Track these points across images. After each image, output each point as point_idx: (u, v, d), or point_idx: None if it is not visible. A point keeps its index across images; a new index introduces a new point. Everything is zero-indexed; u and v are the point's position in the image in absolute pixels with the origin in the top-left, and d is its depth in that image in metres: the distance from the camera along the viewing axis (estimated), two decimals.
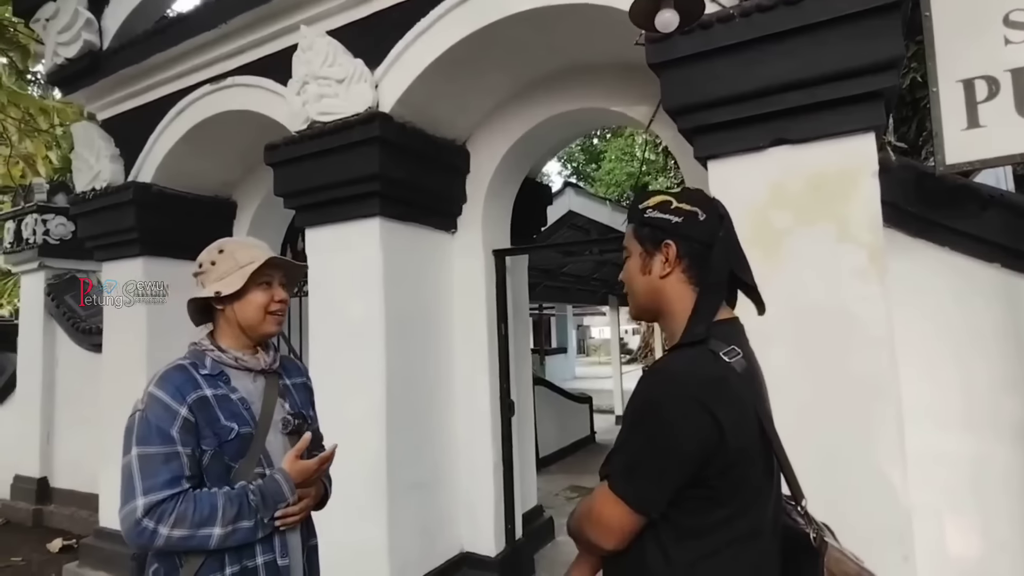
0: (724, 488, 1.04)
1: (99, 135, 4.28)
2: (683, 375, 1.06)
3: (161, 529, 1.28)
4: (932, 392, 2.32)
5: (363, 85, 3.07)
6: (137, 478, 1.30)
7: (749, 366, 1.10)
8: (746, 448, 1.04)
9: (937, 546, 2.28)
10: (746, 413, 1.06)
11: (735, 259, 1.15)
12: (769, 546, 1.11)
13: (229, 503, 1.33)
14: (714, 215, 1.15)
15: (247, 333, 1.51)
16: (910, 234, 2.38)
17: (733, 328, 1.16)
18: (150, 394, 1.38)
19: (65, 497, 5.58)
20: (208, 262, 1.51)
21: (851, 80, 1.97)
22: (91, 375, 5.11)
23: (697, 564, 1.05)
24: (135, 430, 1.35)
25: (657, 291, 1.17)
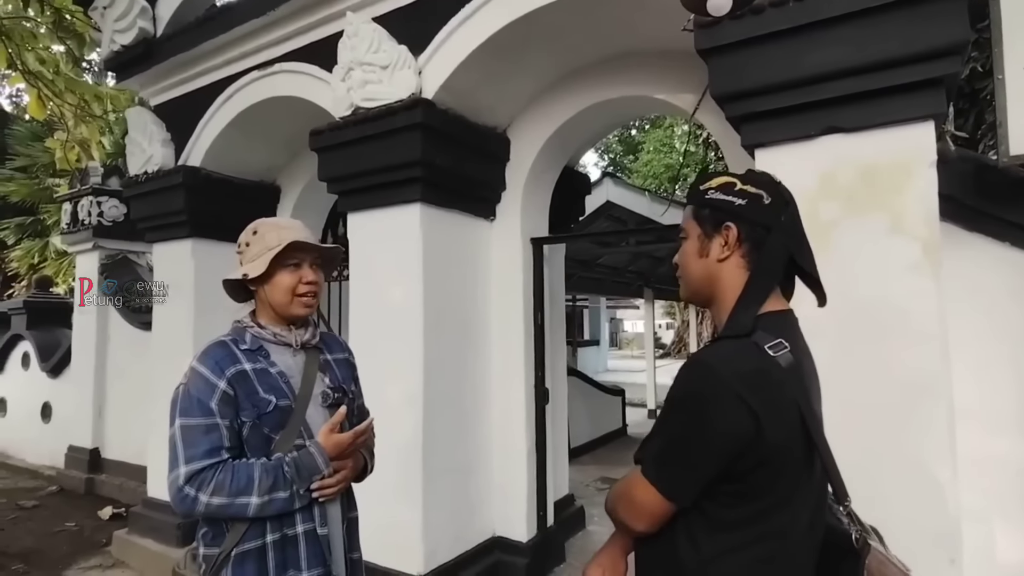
0: (758, 483, 1.03)
1: (152, 120, 4.43)
2: (723, 367, 1.02)
3: (201, 496, 1.34)
4: (984, 393, 2.23)
5: (407, 71, 3.09)
6: (180, 448, 1.37)
7: (797, 361, 1.05)
8: (784, 445, 1.02)
9: (985, 552, 2.21)
10: (787, 409, 1.03)
11: (796, 247, 1.11)
12: (805, 544, 1.09)
13: (265, 474, 1.38)
14: (779, 199, 1.11)
15: (278, 312, 1.54)
16: (967, 228, 2.28)
17: (784, 320, 1.12)
18: (192, 368, 1.44)
19: (115, 467, 5.84)
20: (244, 243, 1.56)
21: (911, 66, 1.89)
22: (140, 352, 5.32)
23: (726, 556, 1.04)
24: (179, 403, 1.42)
25: (713, 275, 1.14)
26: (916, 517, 1.90)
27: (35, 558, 4.24)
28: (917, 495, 1.93)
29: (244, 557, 1.39)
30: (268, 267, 1.49)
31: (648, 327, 11.48)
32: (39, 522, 5.05)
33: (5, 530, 4.83)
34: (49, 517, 5.18)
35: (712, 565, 1.05)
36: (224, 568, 1.40)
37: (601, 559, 1.25)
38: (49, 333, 7.19)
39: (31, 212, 10.75)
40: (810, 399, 1.08)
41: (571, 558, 3.95)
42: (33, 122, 11.01)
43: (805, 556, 1.09)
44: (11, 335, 7.48)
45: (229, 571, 1.39)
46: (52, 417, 6.82)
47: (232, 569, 1.39)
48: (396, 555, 3.08)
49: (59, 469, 6.26)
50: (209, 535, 1.45)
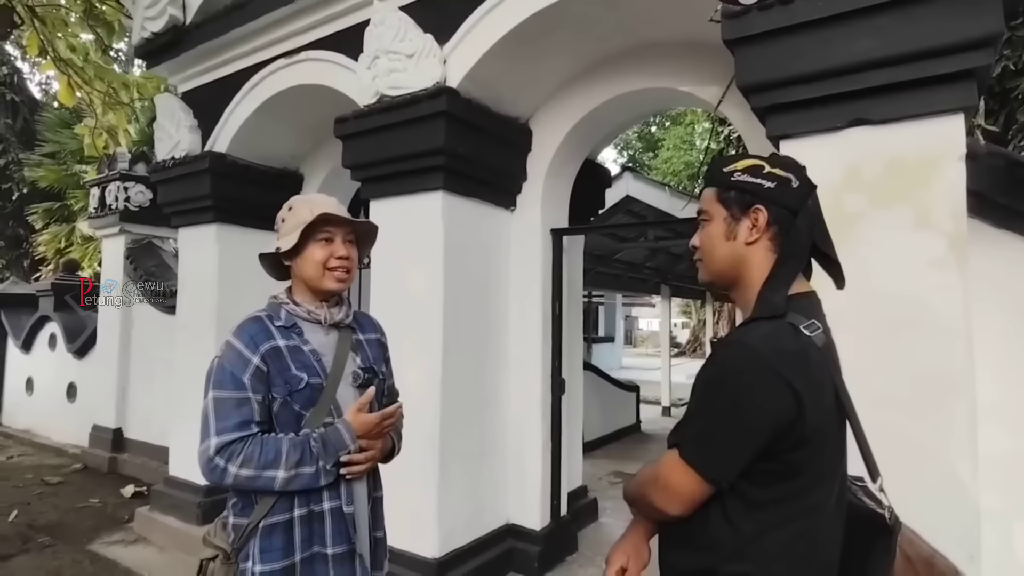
0: (796, 463, 1.03)
1: (179, 107, 4.50)
2: (763, 347, 1.02)
3: (231, 468, 1.37)
4: (1008, 393, 2.20)
5: (432, 60, 3.12)
6: (212, 419, 1.40)
7: (829, 341, 1.09)
8: (822, 425, 1.03)
9: (1004, 551, 2.19)
10: (825, 390, 1.05)
11: (819, 231, 1.13)
12: (833, 522, 1.10)
13: (292, 448, 1.39)
14: (806, 183, 1.12)
15: (310, 287, 1.54)
16: (995, 225, 2.25)
17: (811, 302, 1.13)
18: (227, 342, 1.46)
19: (137, 447, 5.97)
20: (280, 219, 1.57)
21: (942, 58, 1.87)
22: (164, 335, 5.42)
23: (764, 535, 1.04)
24: (212, 375, 1.44)
25: (740, 258, 1.14)
26: (935, 512, 1.89)
27: (60, 532, 4.36)
28: (937, 490, 1.92)
29: (272, 529, 1.42)
30: (300, 241, 1.50)
31: (664, 325, 11.43)
32: (64, 498, 5.18)
33: (31, 504, 4.97)
34: (73, 493, 5.32)
35: (752, 544, 1.04)
36: (252, 539, 1.43)
37: (624, 546, 1.24)
38: (75, 315, 7.35)
39: (58, 198, 10.98)
40: (841, 378, 1.11)
41: (584, 548, 3.97)
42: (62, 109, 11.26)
43: (836, 530, 1.11)
44: (39, 316, 7.66)
45: (257, 542, 1.42)
46: (77, 397, 6.98)
47: (260, 540, 1.42)
48: (411, 538, 3.12)
49: (83, 448, 6.41)
50: (239, 505, 1.48)
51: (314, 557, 1.44)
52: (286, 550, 1.41)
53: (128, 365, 6.16)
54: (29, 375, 7.89)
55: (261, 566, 1.40)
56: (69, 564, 3.85)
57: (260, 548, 1.41)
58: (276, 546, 1.41)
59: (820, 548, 1.08)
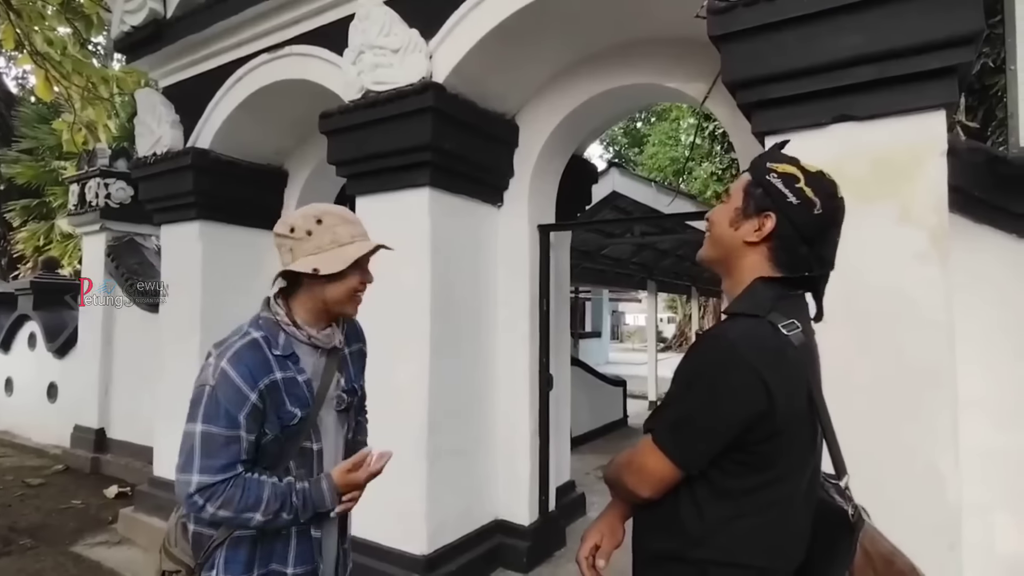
0: (765, 455, 1.07)
1: (161, 101, 4.43)
2: (743, 343, 1.06)
3: (208, 507, 1.29)
4: (989, 385, 2.24)
5: (418, 55, 3.10)
6: (197, 454, 1.30)
7: (807, 340, 1.12)
8: (793, 420, 1.07)
9: (986, 543, 2.23)
10: (799, 387, 1.08)
11: (819, 266, 1.14)
12: (801, 516, 1.14)
13: (274, 497, 1.33)
14: (830, 216, 1.11)
15: (328, 309, 1.46)
16: (974, 220, 2.29)
17: (795, 303, 1.16)
18: (223, 371, 1.32)
19: (120, 447, 5.89)
20: (303, 230, 1.39)
21: (925, 55, 1.89)
22: (147, 334, 5.35)
23: (730, 524, 1.08)
24: (203, 404, 1.31)
25: (735, 250, 1.17)
26: (917, 502, 1.92)
27: (42, 534, 4.30)
28: (918, 481, 1.95)
29: (239, 542, 1.39)
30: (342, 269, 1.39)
31: (650, 320, 11.49)
32: (46, 500, 5.10)
33: (12, 507, 4.89)
34: (55, 495, 5.23)
35: (717, 532, 1.09)
36: (219, 549, 1.39)
37: (600, 525, 1.28)
38: (55, 314, 7.23)
39: (37, 194, 10.77)
40: (817, 375, 1.15)
41: (571, 543, 3.98)
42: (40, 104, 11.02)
43: (802, 523, 1.14)
44: (17, 315, 7.53)
45: (223, 554, 1.39)
46: (58, 397, 6.87)
47: (226, 551, 1.39)
48: (400, 535, 3.12)
49: (65, 448, 6.31)
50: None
51: (269, 574, 1.40)
52: (247, 564, 1.38)
53: (111, 364, 6.07)
54: (8, 375, 7.75)
55: None
56: (52, 566, 3.79)
57: (226, 559, 1.38)
58: (240, 559, 1.38)
59: (785, 539, 1.12)
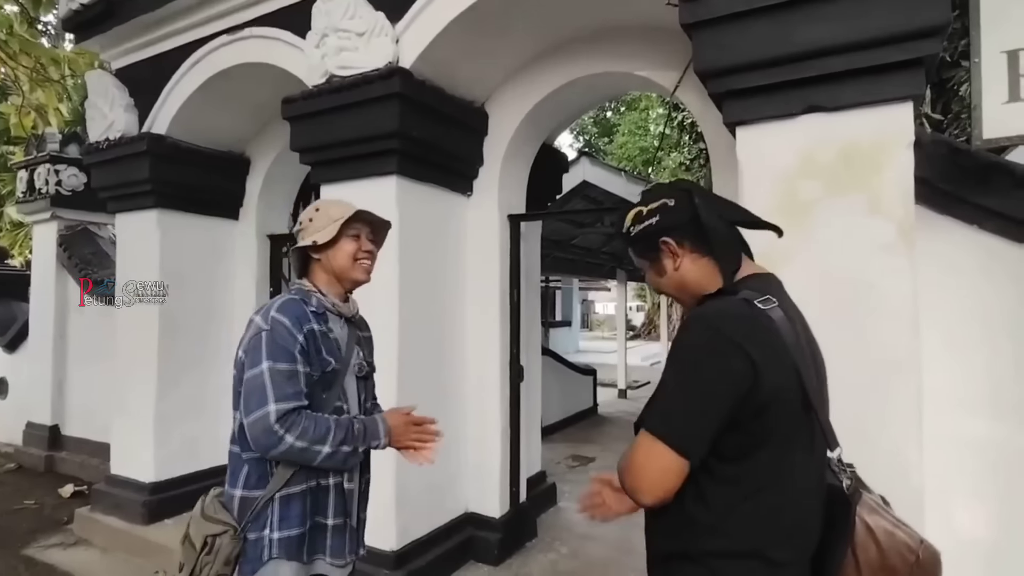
0: (759, 432, 1.06)
1: (113, 84, 4.23)
2: (715, 316, 1.09)
3: (288, 437, 1.44)
4: (954, 373, 2.29)
5: (384, 39, 3.01)
6: (269, 388, 1.46)
7: (787, 316, 1.11)
8: (780, 390, 1.05)
9: (947, 526, 2.28)
10: (780, 355, 1.06)
11: (726, 210, 1.23)
12: (807, 498, 1.12)
13: (339, 428, 1.51)
14: (682, 196, 1.20)
15: (340, 279, 1.68)
16: (938, 211, 2.32)
17: (766, 282, 1.18)
18: (273, 317, 1.52)
19: (76, 445, 5.68)
20: (307, 219, 1.69)
21: (893, 46, 1.90)
22: (103, 326, 5.15)
23: (735, 509, 1.07)
24: (263, 346, 1.49)
25: (681, 281, 1.23)
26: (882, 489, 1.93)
27: None
28: (884, 468, 1.95)
29: (290, 499, 1.52)
30: (334, 235, 1.63)
31: (620, 309, 11.58)
32: None
33: None
34: (7, 495, 5.02)
35: (724, 519, 1.07)
36: (268, 508, 1.52)
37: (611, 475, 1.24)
38: (5, 306, 6.92)
39: None
40: (804, 352, 1.11)
41: (543, 533, 3.99)
42: None
43: (808, 507, 1.12)
44: None
45: (275, 511, 1.51)
46: (9, 393, 6.59)
47: (279, 510, 1.52)
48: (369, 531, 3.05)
49: (17, 446, 6.06)
50: (252, 478, 1.54)
51: (315, 526, 1.57)
52: (302, 518, 1.53)
53: (64, 358, 5.84)
54: None
55: (279, 533, 1.51)
56: (3, 570, 3.64)
57: (280, 516, 1.51)
58: (294, 513, 1.53)
59: (794, 520, 1.10)
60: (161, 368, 4.12)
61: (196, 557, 1.48)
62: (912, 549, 1.06)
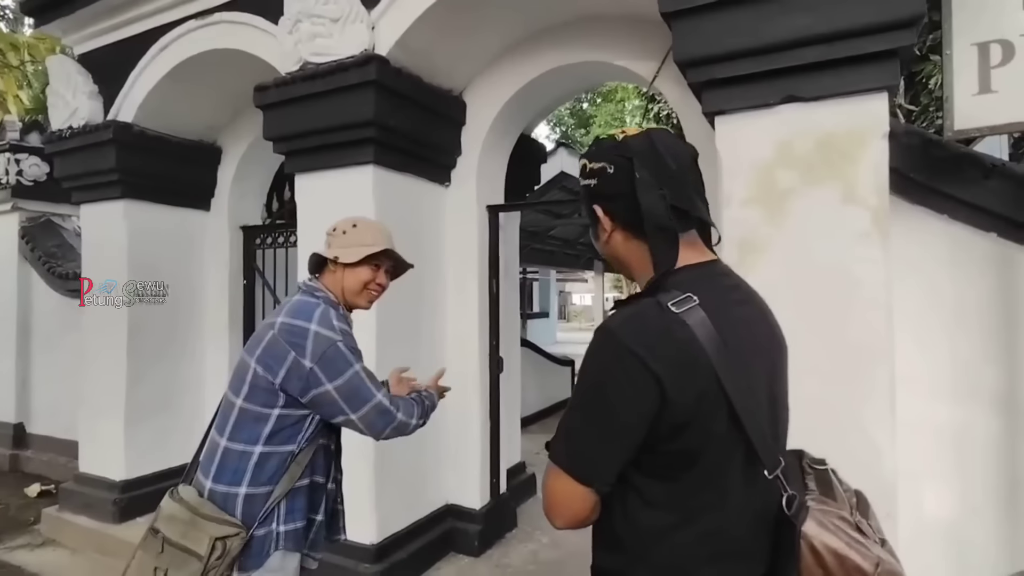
0: (679, 455, 0.94)
1: (76, 70, 4.08)
2: (619, 328, 0.95)
3: (399, 414, 1.64)
4: (922, 360, 2.34)
5: (359, 26, 2.95)
6: (368, 383, 1.60)
7: (716, 315, 0.94)
8: (698, 409, 0.91)
9: (916, 508, 2.34)
10: (695, 369, 0.91)
11: (674, 191, 1.01)
12: (748, 519, 0.98)
13: (416, 404, 1.74)
14: (624, 161, 1.02)
15: (345, 296, 1.74)
16: (911, 201, 2.37)
17: (703, 272, 1.03)
18: (340, 328, 1.61)
19: (42, 443, 5.53)
20: (341, 231, 1.74)
21: (869, 37, 1.92)
22: (68, 321, 5.01)
23: (665, 536, 0.96)
24: (345, 354, 1.58)
25: (615, 256, 1.11)
26: (855, 474, 1.95)
27: None
28: (857, 453, 2.01)
29: (296, 493, 1.60)
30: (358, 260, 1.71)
31: (597, 299, 11.65)
32: None
33: None
34: None
35: (652, 546, 0.97)
36: (278, 505, 1.56)
37: None
38: None
39: None
40: (738, 358, 0.95)
41: (523, 524, 4.00)
42: None
43: (751, 530, 0.98)
44: None
45: (283, 505, 1.57)
46: None
47: (287, 503, 1.58)
48: (349, 524, 3.02)
49: None
50: (264, 475, 1.56)
51: (309, 521, 1.65)
52: (304, 511, 1.61)
53: (28, 354, 5.66)
54: None
55: (285, 526, 1.57)
56: None
57: (287, 510, 1.57)
58: (299, 507, 1.60)
59: (727, 548, 0.97)
60: (130, 363, 4.01)
61: (204, 561, 1.43)
62: (866, 573, 0.90)
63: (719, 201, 2.22)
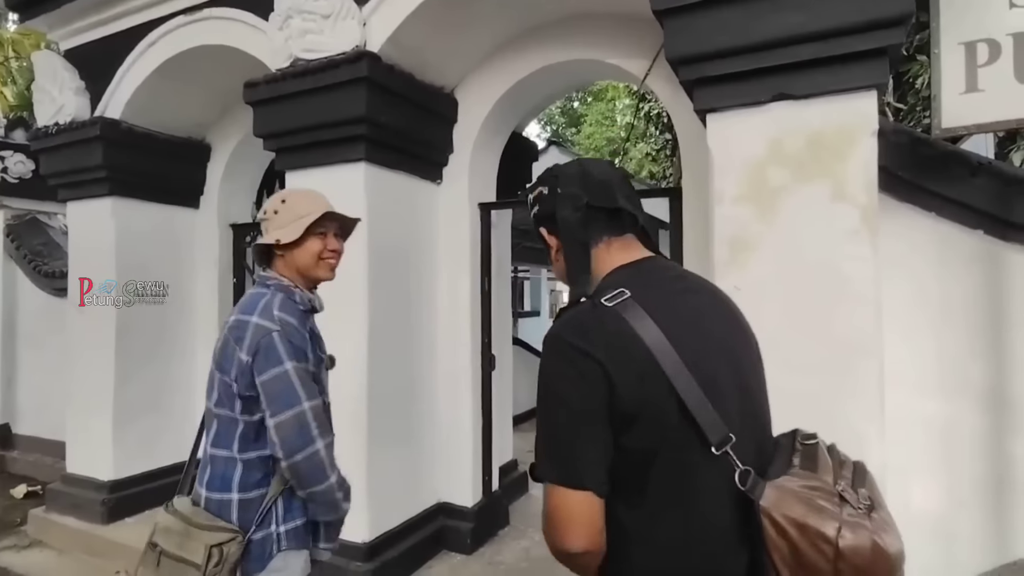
0: (637, 449, 0.95)
1: (62, 66, 4.03)
2: (559, 331, 1.00)
3: (319, 442, 1.47)
4: (909, 355, 2.36)
5: (350, 22, 2.93)
6: (299, 387, 1.46)
7: (651, 303, 0.98)
8: (642, 391, 0.94)
9: (904, 502, 2.37)
10: (630, 351, 0.94)
11: (598, 196, 1.11)
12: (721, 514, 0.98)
13: (341, 477, 1.57)
14: (553, 182, 1.15)
15: (303, 276, 1.64)
16: (898, 199, 2.39)
17: (639, 268, 1.08)
18: (280, 317, 1.50)
19: (28, 443, 5.47)
20: (271, 211, 1.63)
21: (859, 35, 1.93)
22: (55, 320, 4.95)
23: (646, 532, 0.97)
24: (280, 347, 1.46)
25: (561, 271, 1.18)
26: None
27: None
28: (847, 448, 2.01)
29: (292, 491, 1.54)
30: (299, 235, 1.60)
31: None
32: None
33: None
34: None
35: (637, 544, 0.98)
36: (274, 507, 1.53)
37: None
38: None
39: None
40: (674, 338, 0.96)
41: (515, 521, 4.00)
42: None
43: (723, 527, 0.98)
44: None
45: (280, 505, 1.53)
46: None
47: (284, 503, 1.54)
48: None
49: None
50: (252, 479, 1.52)
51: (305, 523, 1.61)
52: (303, 508, 1.56)
53: (14, 353, 5.60)
54: None
55: (285, 526, 1.54)
56: None
57: (284, 509, 1.53)
58: (297, 505, 1.55)
59: (711, 534, 0.98)
60: (119, 362, 3.97)
61: (201, 570, 1.40)
62: (828, 539, 0.87)
63: (711, 199, 2.24)
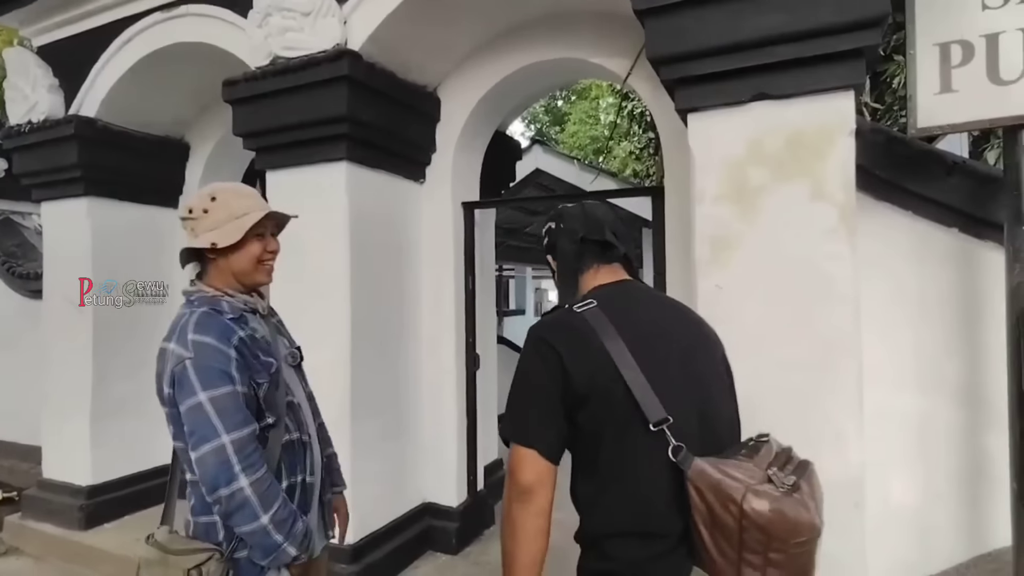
0: (587, 426, 1.15)
1: (35, 63, 3.95)
2: (536, 329, 1.25)
3: (242, 478, 1.29)
4: (887, 352, 2.40)
5: (331, 20, 2.91)
6: (216, 419, 1.30)
7: (614, 312, 1.20)
8: (593, 380, 1.14)
9: (881, 496, 2.41)
10: (586, 346, 1.16)
11: (591, 229, 1.35)
12: (659, 484, 1.11)
13: (285, 507, 1.36)
14: (557, 219, 1.41)
15: (240, 280, 1.51)
16: (876, 197, 2.43)
17: (615, 288, 1.31)
18: (193, 341, 1.35)
19: (2, 449, 5.33)
20: (200, 209, 1.45)
21: (838, 36, 1.95)
22: (30, 323, 4.84)
23: (598, 498, 1.17)
24: (191, 377, 1.32)
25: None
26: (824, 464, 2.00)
27: None
28: (826, 444, 2.05)
29: None
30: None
31: None
32: None
33: None
34: None
35: (593, 509, 1.18)
36: None
37: None
38: None
39: None
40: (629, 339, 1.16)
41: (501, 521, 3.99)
42: None
43: (662, 494, 1.11)
44: None
45: None
46: None
47: None
48: None
49: None
50: None
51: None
52: None
53: None
54: None
55: None
56: None
57: None
58: None
59: (652, 508, 1.12)
60: (96, 365, 3.91)
61: None
62: (735, 501, 0.97)
63: (692, 198, 2.25)
